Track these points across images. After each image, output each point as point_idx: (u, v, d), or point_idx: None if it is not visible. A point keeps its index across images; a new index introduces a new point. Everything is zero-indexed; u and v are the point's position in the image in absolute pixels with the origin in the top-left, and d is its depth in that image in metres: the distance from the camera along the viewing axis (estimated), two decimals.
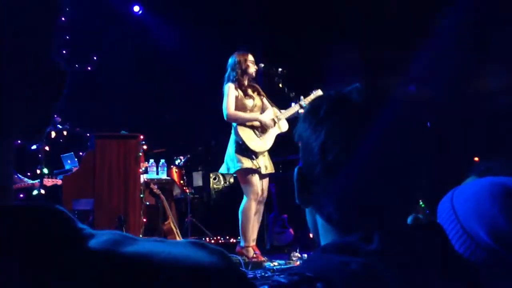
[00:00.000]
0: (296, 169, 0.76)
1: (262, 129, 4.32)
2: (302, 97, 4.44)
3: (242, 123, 4.25)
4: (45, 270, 0.36)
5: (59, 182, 4.58)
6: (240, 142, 4.20)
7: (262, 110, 4.43)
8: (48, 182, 4.66)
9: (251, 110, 4.32)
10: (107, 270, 0.37)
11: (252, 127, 4.30)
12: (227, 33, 6.97)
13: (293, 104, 4.46)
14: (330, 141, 0.70)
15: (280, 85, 4.34)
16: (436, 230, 0.70)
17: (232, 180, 7.17)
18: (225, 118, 4.24)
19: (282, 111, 4.48)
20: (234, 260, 0.45)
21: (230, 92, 4.22)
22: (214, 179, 7.33)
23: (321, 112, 0.72)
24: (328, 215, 0.72)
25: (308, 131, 0.73)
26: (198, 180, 7.22)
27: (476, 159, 4.97)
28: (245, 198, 4.25)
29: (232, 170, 4.24)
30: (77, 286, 0.36)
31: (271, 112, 4.44)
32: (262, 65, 4.34)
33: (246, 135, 4.23)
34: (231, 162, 4.24)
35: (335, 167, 0.69)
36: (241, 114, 4.25)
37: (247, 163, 4.17)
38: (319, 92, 4.50)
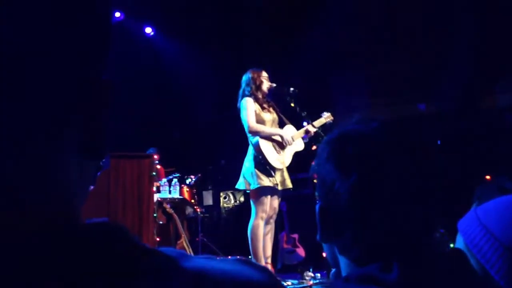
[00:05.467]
0: (317, 208, 0.76)
1: (280, 145, 4.27)
2: (310, 121, 4.41)
3: (264, 137, 4.21)
4: (116, 283, 0.37)
5: None
6: (260, 157, 4.13)
7: (279, 125, 4.42)
8: None
9: (270, 124, 4.29)
10: (172, 283, 0.39)
11: (272, 142, 4.26)
12: (237, 53, 7.05)
13: (305, 123, 4.46)
14: (360, 188, 0.70)
15: (292, 105, 4.36)
16: (458, 256, 0.71)
17: (242, 199, 7.17)
18: (246, 131, 4.18)
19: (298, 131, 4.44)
20: (278, 279, 0.48)
21: (249, 105, 4.18)
22: (224, 198, 7.35)
23: (347, 155, 0.72)
24: (353, 256, 0.73)
25: (333, 174, 0.72)
26: (208, 199, 7.24)
27: (488, 177, 4.93)
28: (252, 216, 4.17)
29: (253, 186, 4.12)
30: None
31: (292, 129, 4.42)
32: (274, 84, 4.36)
33: (267, 150, 4.17)
34: (251, 178, 4.14)
35: (367, 214, 0.70)
36: (263, 127, 4.20)
37: (266, 181, 4.08)
38: (329, 116, 4.51)
